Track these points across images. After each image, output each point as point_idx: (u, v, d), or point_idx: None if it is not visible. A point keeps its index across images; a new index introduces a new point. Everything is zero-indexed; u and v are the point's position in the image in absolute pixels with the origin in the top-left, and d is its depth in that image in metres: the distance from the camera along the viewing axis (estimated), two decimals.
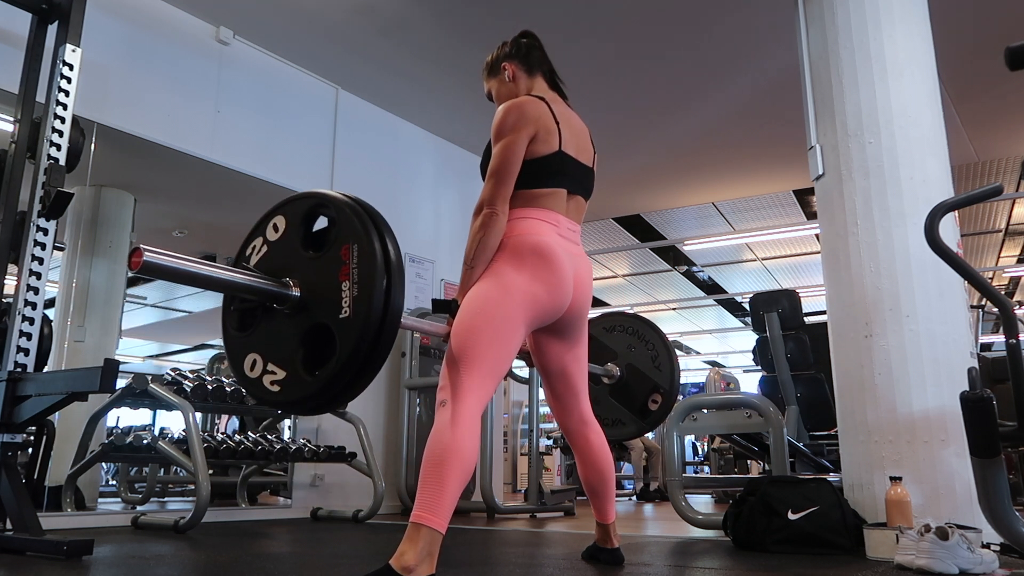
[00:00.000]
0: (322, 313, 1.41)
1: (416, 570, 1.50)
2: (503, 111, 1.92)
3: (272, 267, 1.51)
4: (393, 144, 5.23)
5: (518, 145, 1.88)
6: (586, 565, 2.20)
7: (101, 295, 3.97)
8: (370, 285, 1.36)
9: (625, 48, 4.41)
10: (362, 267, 1.38)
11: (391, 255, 1.40)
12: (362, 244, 1.39)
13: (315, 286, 1.44)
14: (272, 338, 1.47)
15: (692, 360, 16.36)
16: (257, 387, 1.45)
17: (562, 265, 1.87)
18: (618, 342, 2.59)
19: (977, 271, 1.89)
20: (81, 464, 3.41)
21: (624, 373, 2.59)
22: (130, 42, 3.84)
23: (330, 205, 1.48)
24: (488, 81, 2.22)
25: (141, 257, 1.25)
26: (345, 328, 1.36)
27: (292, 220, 1.53)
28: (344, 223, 1.44)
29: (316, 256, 1.46)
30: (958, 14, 4.00)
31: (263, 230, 1.57)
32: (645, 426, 2.56)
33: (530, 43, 2.21)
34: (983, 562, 2.03)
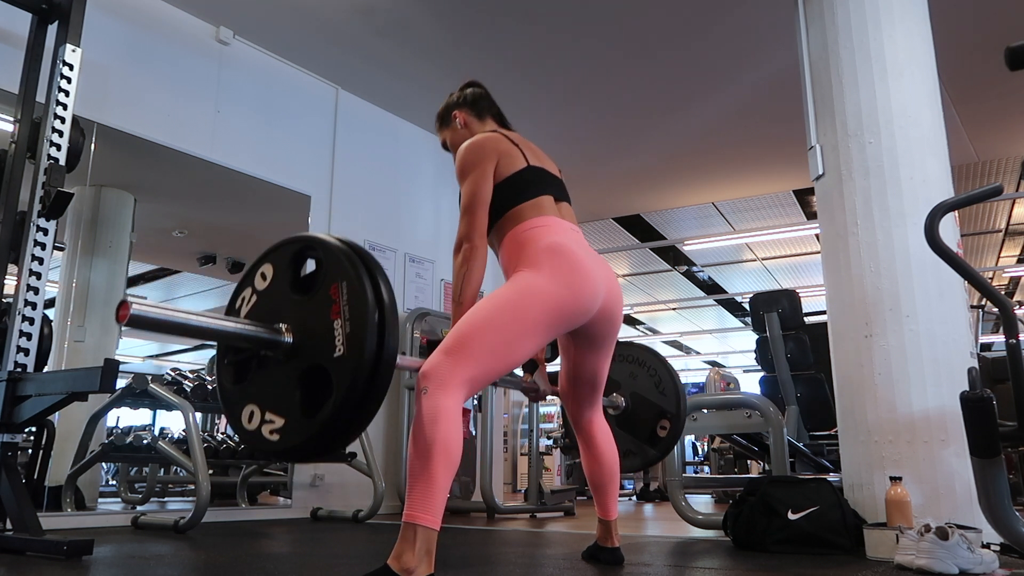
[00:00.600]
0: (316, 354, 1.38)
1: (416, 570, 1.50)
2: (462, 152, 1.98)
3: (263, 316, 1.48)
4: (393, 144, 5.23)
5: (484, 178, 1.93)
6: (586, 565, 2.20)
7: (101, 295, 3.96)
8: (362, 321, 1.34)
9: (625, 48, 4.41)
10: (352, 304, 1.36)
11: (381, 289, 1.37)
12: (351, 281, 1.37)
13: (307, 328, 1.42)
14: (268, 386, 1.44)
15: (692, 360, 16.36)
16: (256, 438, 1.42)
17: (581, 261, 1.86)
18: (620, 372, 2.57)
19: (977, 271, 1.89)
20: (81, 464, 3.41)
21: (629, 402, 2.57)
22: (130, 42, 3.84)
23: (316, 247, 1.46)
24: (441, 132, 2.28)
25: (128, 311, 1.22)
26: (340, 366, 1.34)
27: (279, 266, 1.49)
28: (331, 262, 1.42)
29: (306, 299, 1.44)
30: (958, 14, 4.00)
31: (251, 280, 1.52)
32: (657, 454, 2.53)
33: (476, 92, 2.27)
34: (983, 562, 2.03)
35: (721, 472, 7.25)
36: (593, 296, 1.86)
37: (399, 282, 5.04)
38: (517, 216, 1.94)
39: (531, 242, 1.87)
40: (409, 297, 5.10)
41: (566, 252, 1.85)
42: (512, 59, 4.53)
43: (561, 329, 1.84)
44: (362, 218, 4.88)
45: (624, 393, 2.57)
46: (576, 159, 5.93)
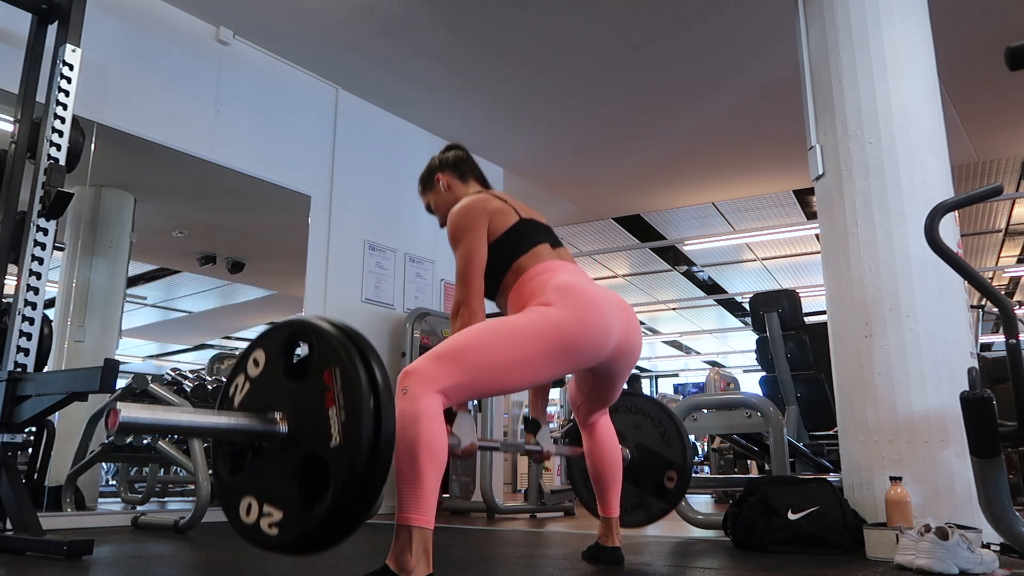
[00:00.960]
0: (312, 444, 1.35)
1: (415, 570, 1.50)
2: (452, 217, 1.96)
3: (256, 404, 1.45)
4: (393, 144, 5.23)
5: (477, 241, 1.92)
6: (586, 565, 2.20)
7: (101, 295, 3.96)
8: (357, 408, 1.31)
9: (624, 48, 4.41)
10: (347, 390, 1.33)
11: (375, 374, 1.34)
12: (344, 367, 1.34)
13: (302, 417, 1.39)
14: (265, 477, 1.41)
15: (692, 360, 16.37)
16: (255, 532, 1.38)
17: (594, 296, 1.82)
18: (624, 423, 2.54)
19: (977, 271, 1.89)
20: (81, 464, 3.41)
21: (635, 454, 2.53)
22: (130, 42, 3.84)
23: (308, 331, 1.42)
24: (424, 195, 2.26)
25: (117, 417, 1.19)
26: (337, 456, 1.31)
27: (271, 352, 1.47)
28: (323, 347, 1.39)
29: (300, 385, 1.41)
30: (958, 14, 4.00)
31: (244, 367, 1.49)
32: (666, 506, 2.49)
33: (458, 154, 2.25)
34: (983, 562, 2.03)
35: (721, 472, 7.25)
36: (606, 333, 1.82)
37: (399, 282, 5.05)
38: (519, 269, 1.93)
39: (539, 287, 1.85)
40: (409, 297, 5.10)
41: (577, 288, 1.82)
42: (513, 59, 4.53)
43: (569, 365, 1.80)
44: (362, 218, 4.88)
45: (629, 445, 2.53)
46: (576, 159, 5.94)
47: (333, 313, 4.52)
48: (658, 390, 17.31)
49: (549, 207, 7.00)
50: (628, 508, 2.47)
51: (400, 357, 4.79)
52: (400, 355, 4.80)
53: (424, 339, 4.85)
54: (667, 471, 2.48)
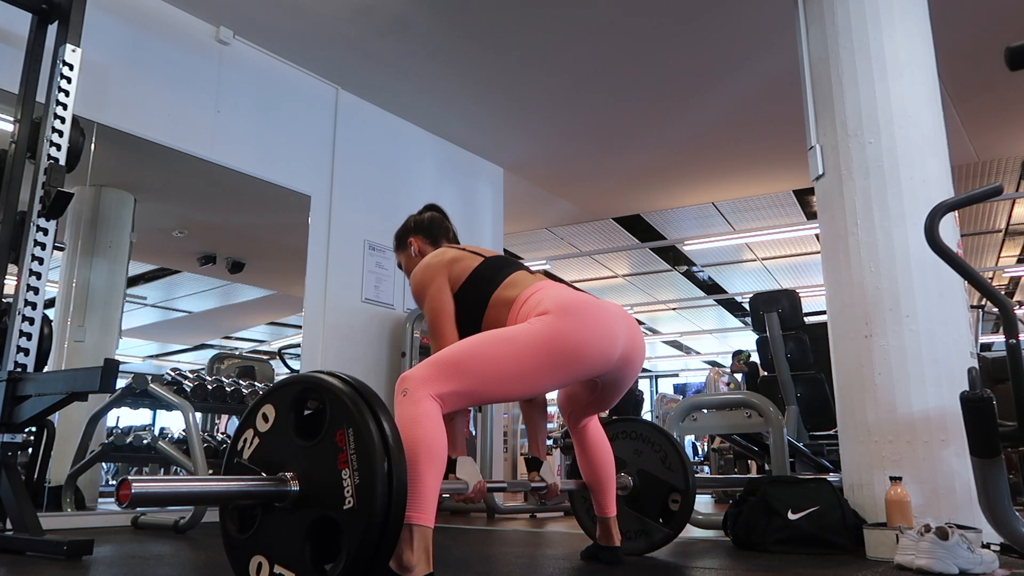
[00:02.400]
0: (325, 505, 1.35)
1: (415, 569, 1.51)
2: (413, 277, 1.99)
3: (266, 459, 1.44)
4: (393, 144, 5.23)
5: (439, 291, 1.92)
6: (586, 565, 2.20)
7: (101, 295, 3.96)
8: (371, 471, 1.30)
9: (625, 48, 4.41)
10: (360, 452, 1.32)
11: (388, 435, 1.33)
12: (357, 428, 1.33)
13: (314, 477, 1.37)
14: (275, 537, 1.40)
15: (692, 360, 16.37)
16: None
17: (593, 309, 1.81)
18: (624, 450, 2.52)
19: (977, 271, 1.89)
20: (81, 464, 3.41)
21: (637, 481, 2.52)
22: (130, 42, 3.84)
23: (318, 390, 1.42)
24: (397, 253, 2.27)
25: (129, 490, 1.18)
26: (351, 520, 1.30)
27: (281, 408, 1.46)
28: (335, 407, 1.38)
29: (311, 444, 1.40)
30: (958, 14, 4.00)
31: (253, 421, 1.49)
32: (670, 532, 2.47)
33: (432, 216, 2.25)
34: (983, 562, 2.02)
35: (721, 472, 7.25)
36: (609, 340, 1.81)
37: (399, 282, 5.05)
38: (501, 301, 1.90)
39: (539, 303, 1.81)
40: (409, 297, 5.10)
41: (576, 301, 1.80)
42: (512, 59, 4.53)
43: (570, 376, 1.79)
44: (362, 218, 4.88)
45: (631, 472, 2.52)
46: (576, 159, 5.94)
47: (333, 313, 4.52)
48: (658, 390, 17.32)
49: (549, 207, 7.00)
50: (631, 535, 2.46)
51: (400, 357, 4.79)
52: (400, 355, 4.80)
53: (424, 339, 4.85)
54: (671, 494, 2.46)
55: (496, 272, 1.96)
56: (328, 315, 4.50)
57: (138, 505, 1.22)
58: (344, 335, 4.58)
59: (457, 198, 5.65)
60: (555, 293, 1.83)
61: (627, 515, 2.46)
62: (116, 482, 1.22)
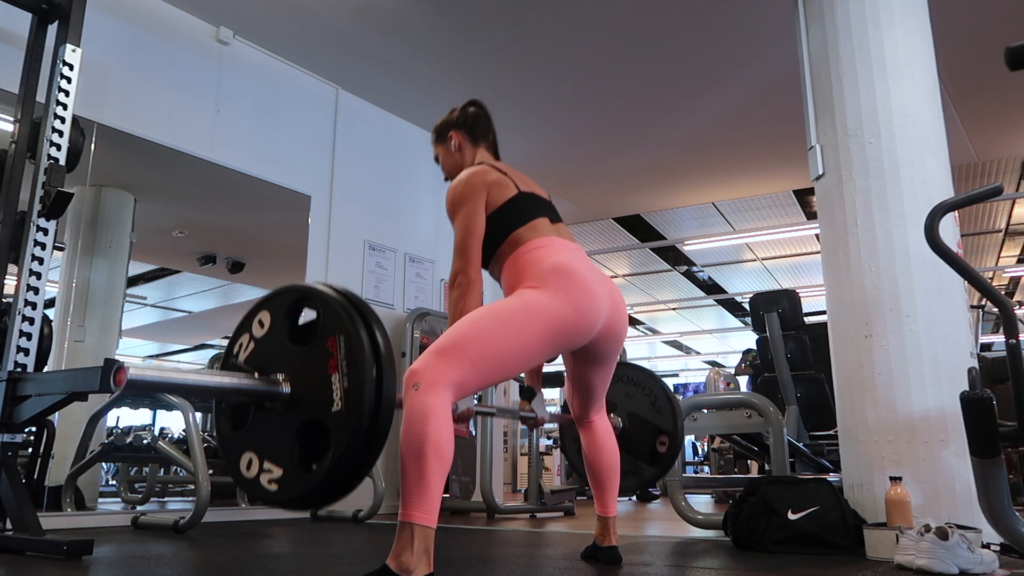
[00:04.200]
0: (314, 408, 1.39)
1: (415, 570, 1.50)
2: (451, 189, 1.99)
3: (260, 363, 1.49)
4: (393, 144, 5.23)
5: (475, 212, 1.94)
6: (586, 565, 2.20)
7: (101, 295, 3.96)
8: (360, 376, 1.33)
9: (625, 48, 4.41)
10: (350, 358, 1.35)
11: (379, 344, 1.37)
12: (348, 335, 1.37)
13: (305, 380, 1.42)
14: (266, 435, 1.45)
15: (692, 360, 16.36)
16: (255, 487, 1.42)
17: (586, 281, 1.85)
18: (615, 393, 2.57)
19: (977, 271, 1.89)
20: (81, 464, 3.41)
21: (627, 423, 2.57)
22: (130, 42, 3.84)
23: (313, 298, 1.46)
24: (435, 146, 2.29)
25: (125, 375, 1.23)
26: (338, 422, 1.34)
27: (277, 315, 1.50)
28: (329, 315, 1.42)
29: (304, 349, 1.44)
30: (958, 14, 4.00)
31: (249, 326, 1.54)
32: (657, 472, 2.53)
33: (476, 112, 2.26)
34: (983, 562, 2.02)
35: (721, 472, 7.25)
36: (596, 316, 1.86)
37: (399, 282, 5.05)
38: (516, 240, 1.94)
39: (534, 263, 1.87)
40: (409, 297, 5.10)
41: (571, 272, 1.84)
42: (513, 59, 4.53)
43: (561, 348, 1.84)
44: (362, 218, 4.88)
45: (621, 414, 2.57)
46: (576, 158, 5.94)
47: None
48: None
49: None
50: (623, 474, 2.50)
51: (400, 357, 4.79)
52: (400, 355, 4.80)
53: (424, 339, 4.85)
54: (659, 436, 2.51)
55: (525, 210, 2.00)
56: None
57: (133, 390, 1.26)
58: None
59: None
60: (554, 261, 1.86)
61: None
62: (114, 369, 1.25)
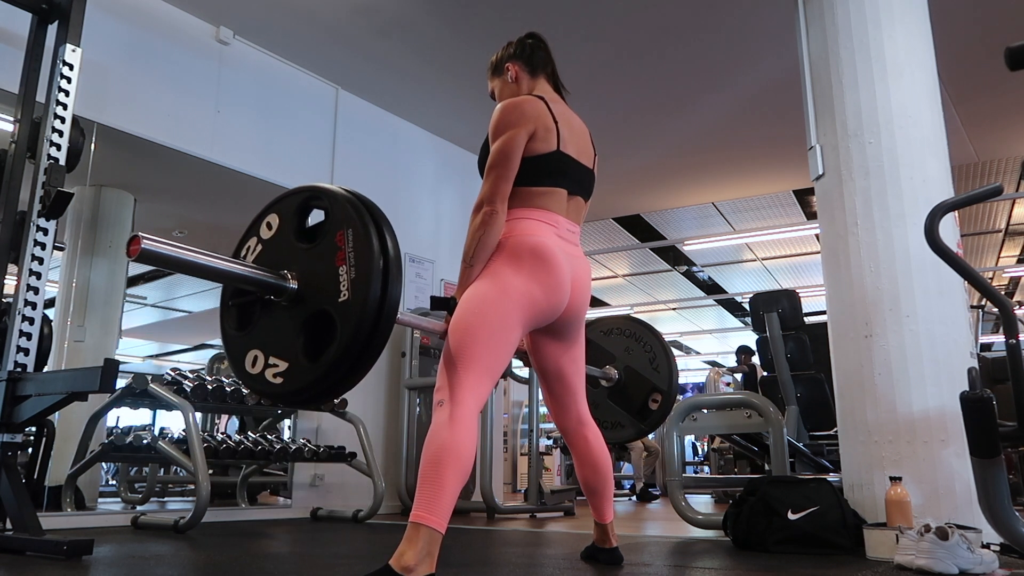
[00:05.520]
0: (321, 300, 1.40)
1: (416, 570, 1.50)
2: (501, 108, 1.92)
3: (268, 263, 1.50)
4: (393, 144, 5.23)
5: (517, 141, 1.87)
6: (586, 565, 2.20)
7: (101, 295, 3.97)
8: (367, 266, 1.36)
9: (625, 48, 4.41)
10: (358, 250, 1.38)
11: (386, 236, 1.40)
12: (356, 228, 1.40)
13: (312, 275, 1.44)
14: (272, 331, 1.46)
15: (692, 360, 16.36)
16: (259, 382, 1.44)
17: (560, 266, 1.87)
18: (615, 345, 2.58)
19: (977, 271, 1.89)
20: (81, 464, 3.41)
21: (622, 376, 2.58)
22: (130, 42, 3.84)
23: (323, 196, 1.49)
24: (492, 80, 2.22)
25: (139, 245, 1.24)
26: (345, 311, 1.35)
27: (285, 216, 1.53)
28: (337, 211, 1.45)
29: (312, 246, 1.46)
30: (958, 14, 4.00)
31: (256, 230, 1.56)
32: (644, 428, 2.54)
33: (535, 43, 2.20)
34: (983, 562, 2.02)
35: (721, 472, 7.25)
36: (562, 297, 1.89)
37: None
38: (524, 198, 1.91)
39: (520, 232, 1.86)
40: (409, 297, 5.10)
41: (547, 255, 1.85)
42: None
43: (531, 325, 1.87)
44: None
45: (618, 366, 2.58)
46: None
47: None
48: None
49: None
50: (609, 425, 2.51)
51: (400, 357, 4.80)
52: (400, 355, 4.80)
53: (424, 339, 4.85)
54: (652, 394, 2.52)
55: (551, 174, 1.94)
56: None
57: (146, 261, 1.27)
58: None
59: (457, 198, 5.65)
60: (536, 242, 1.85)
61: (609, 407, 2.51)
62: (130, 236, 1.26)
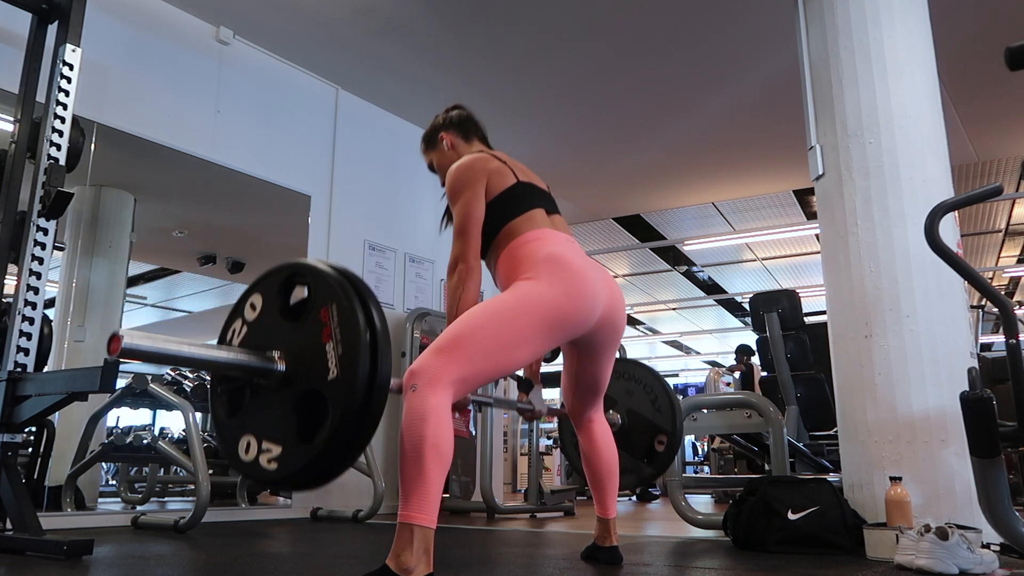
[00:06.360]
0: (310, 379, 1.37)
1: (415, 570, 1.50)
2: (452, 172, 1.98)
3: (254, 345, 1.47)
4: (393, 144, 5.23)
5: (476, 198, 1.93)
6: (586, 565, 2.20)
7: (101, 295, 3.96)
8: (354, 341, 1.33)
9: (625, 48, 4.41)
10: (343, 325, 1.35)
11: (371, 311, 1.36)
12: (340, 303, 1.37)
13: (299, 354, 1.41)
14: (263, 416, 1.43)
15: (692, 360, 16.37)
16: (254, 468, 1.40)
17: (581, 269, 1.84)
18: (616, 389, 2.56)
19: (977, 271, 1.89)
20: (81, 464, 3.41)
21: (625, 420, 2.55)
22: (130, 42, 3.84)
23: (304, 273, 1.45)
24: (427, 154, 2.27)
25: (119, 343, 1.21)
26: (335, 389, 1.33)
27: (268, 295, 1.49)
28: (320, 286, 1.41)
29: (297, 324, 1.43)
30: (958, 14, 4.00)
31: (241, 311, 1.51)
32: (654, 471, 2.51)
33: (462, 114, 2.25)
34: (983, 562, 2.02)
35: (721, 472, 7.25)
36: (592, 305, 1.85)
37: (399, 282, 5.04)
38: (512, 232, 1.93)
39: (529, 255, 1.86)
40: (409, 297, 5.10)
41: (565, 261, 1.84)
42: (512, 59, 4.53)
43: (559, 338, 1.83)
44: (362, 218, 4.88)
45: (620, 411, 2.56)
46: (576, 159, 5.94)
47: None
48: None
49: None
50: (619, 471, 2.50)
51: (400, 357, 4.79)
52: (400, 355, 4.80)
53: (424, 339, 4.85)
54: (658, 435, 2.50)
55: (522, 199, 1.98)
56: None
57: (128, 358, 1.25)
58: None
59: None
60: (549, 251, 1.85)
61: None
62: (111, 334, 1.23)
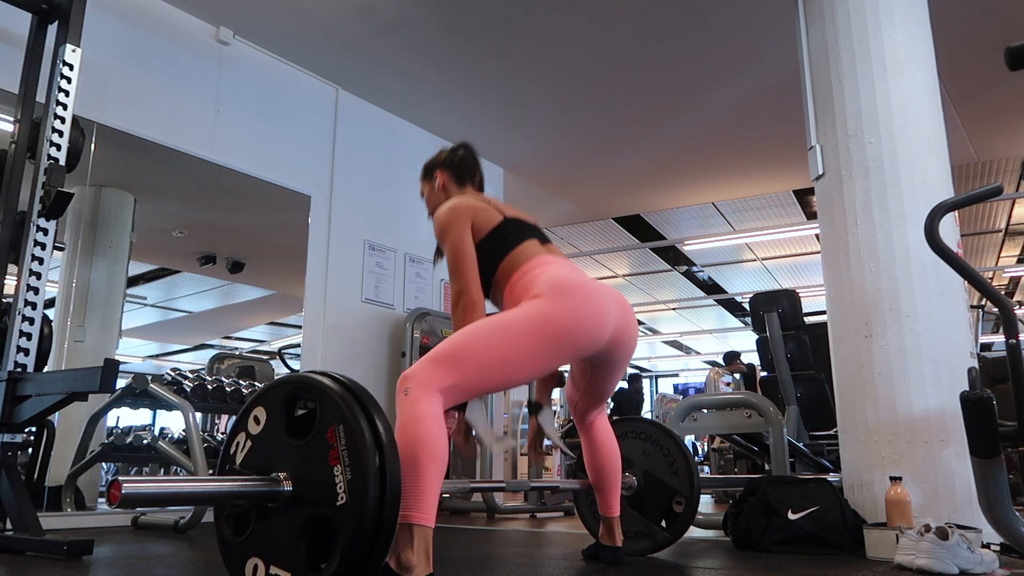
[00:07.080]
0: (318, 503, 1.34)
1: (415, 569, 1.51)
2: (438, 216, 1.99)
3: (259, 462, 1.45)
4: (393, 144, 5.23)
5: (463, 235, 1.93)
6: (586, 564, 2.20)
7: (101, 295, 3.96)
8: (363, 466, 1.30)
9: (625, 48, 4.41)
10: (351, 447, 1.32)
11: (380, 431, 1.34)
12: (348, 424, 1.34)
13: (306, 476, 1.38)
14: (270, 538, 1.40)
15: (692, 360, 16.37)
16: None
17: (586, 288, 1.83)
18: (632, 449, 2.52)
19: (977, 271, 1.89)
20: (81, 464, 3.41)
21: (641, 482, 2.51)
22: (130, 42, 3.84)
23: (309, 388, 1.42)
24: (421, 183, 2.30)
25: (120, 491, 1.18)
26: (344, 515, 1.30)
27: (272, 409, 1.46)
28: (325, 405, 1.38)
29: (302, 444, 1.40)
30: (958, 14, 4.00)
31: (244, 425, 1.49)
32: (669, 536, 2.46)
33: (464, 155, 2.26)
34: (983, 562, 2.03)
35: (721, 472, 7.25)
36: (601, 323, 1.83)
37: (399, 282, 5.04)
38: (510, 266, 1.94)
39: (532, 282, 1.85)
40: (409, 297, 5.10)
41: (571, 280, 1.83)
42: (512, 59, 4.53)
43: (566, 357, 1.82)
44: (362, 218, 4.88)
45: (636, 472, 2.52)
46: (576, 158, 5.94)
47: (333, 313, 4.52)
48: (658, 390, 17.31)
49: (549, 207, 7.00)
50: (632, 535, 2.45)
51: (400, 357, 4.79)
52: (400, 355, 4.80)
53: (424, 339, 4.85)
54: (675, 497, 2.45)
55: (512, 234, 1.99)
56: (328, 315, 4.50)
57: (128, 506, 1.22)
58: (344, 335, 4.58)
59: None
60: (552, 273, 1.85)
61: (630, 515, 2.46)
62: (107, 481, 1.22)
